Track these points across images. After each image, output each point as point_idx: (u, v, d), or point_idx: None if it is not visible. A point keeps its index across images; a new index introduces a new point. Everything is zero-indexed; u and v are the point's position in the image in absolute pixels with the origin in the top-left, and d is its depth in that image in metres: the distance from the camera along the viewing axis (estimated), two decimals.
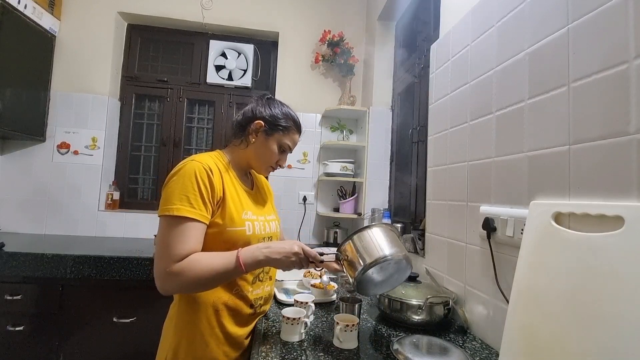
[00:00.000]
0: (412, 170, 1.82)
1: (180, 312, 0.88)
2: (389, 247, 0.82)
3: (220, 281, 0.83)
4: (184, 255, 0.77)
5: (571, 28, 0.70)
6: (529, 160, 0.80)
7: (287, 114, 0.99)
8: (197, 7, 2.42)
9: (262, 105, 0.98)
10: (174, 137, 2.50)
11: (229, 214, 0.87)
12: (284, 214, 2.43)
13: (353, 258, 0.83)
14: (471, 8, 1.08)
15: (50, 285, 1.62)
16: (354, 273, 0.82)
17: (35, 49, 2.10)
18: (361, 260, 0.81)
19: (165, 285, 0.78)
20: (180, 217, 0.78)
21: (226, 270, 0.79)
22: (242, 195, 0.95)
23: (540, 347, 0.61)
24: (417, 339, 0.86)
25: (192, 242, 0.79)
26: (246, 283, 0.92)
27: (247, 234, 0.89)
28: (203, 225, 0.82)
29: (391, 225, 0.90)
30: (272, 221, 1.04)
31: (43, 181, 2.20)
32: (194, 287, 0.81)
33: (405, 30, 2.13)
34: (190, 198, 0.80)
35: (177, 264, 0.76)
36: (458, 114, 1.12)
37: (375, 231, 0.85)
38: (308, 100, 2.51)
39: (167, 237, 0.78)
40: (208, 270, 0.77)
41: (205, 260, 0.78)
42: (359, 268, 0.80)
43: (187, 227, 0.79)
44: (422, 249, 1.32)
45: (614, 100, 0.60)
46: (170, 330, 0.89)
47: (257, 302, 0.96)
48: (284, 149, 1.00)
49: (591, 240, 0.58)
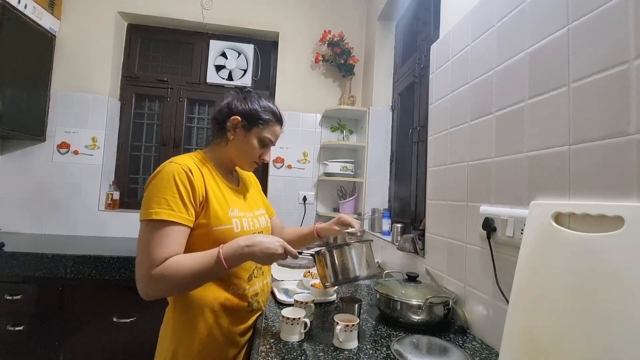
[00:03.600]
0: (412, 170, 1.82)
1: (177, 315, 0.87)
2: (362, 268, 0.89)
3: (203, 281, 0.81)
4: (165, 259, 0.75)
5: (571, 28, 0.70)
6: (529, 160, 0.80)
7: (266, 107, 0.96)
8: (197, 7, 2.42)
9: (238, 100, 0.95)
10: (174, 137, 2.50)
11: (214, 213, 0.85)
12: (284, 214, 2.42)
13: (327, 268, 0.88)
14: (471, 8, 1.08)
15: (50, 285, 1.62)
16: (325, 280, 0.89)
17: (35, 49, 2.10)
18: (333, 275, 0.88)
19: (148, 290, 0.76)
20: (159, 221, 0.77)
21: (208, 270, 0.77)
22: (227, 193, 0.93)
23: (540, 347, 0.61)
24: (417, 339, 0.86)
25: (172, 245, 0.77)
26: (242, 281, 0.91)
27: (235, 231, 0.88)
28: (184, 228, 0.80)
29: (367, 244, 0.95)
30: (261, 216, 1.02)
31: (43, 181, 2.20)
32: (177, 289, 0.79)
33: (405, 30, 2.13)
34: (169, 201, 0.78)
35: (158, 268, 0.74)
36: (458, 114, 1.12)
37: (354, 251, 0.90)
38: (308, 100, 2.51)
39: (147, 241, 0.76)
40: (190, 271, 0.76)
41: (186, 262, 0.76)
42: (331, 281, 0.88)
43: (166, 230, 0.77)
44: (422, 249, 1.32)
45: (614, 100, 0.60)
46: (167, 335, 0.87)
47: (254, 299, 0.95)
48: (265, 143, 0.96)
49: (591, 240, 0.58)
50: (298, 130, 2.49)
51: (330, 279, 0.87)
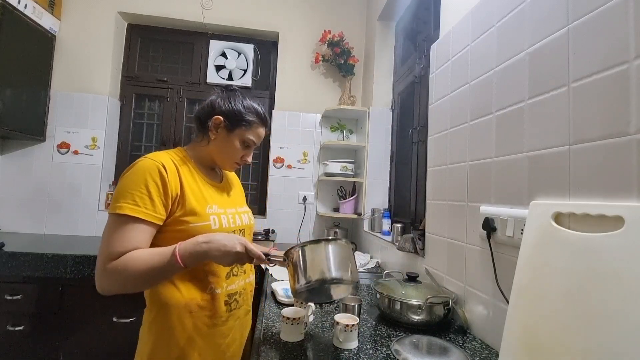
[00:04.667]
0: (412, 170, 1.82)
1: (153, 317, 0.84)
2: (336, 268, 0.75)
3: (159, 278, 0.78)
4: (121, 254, 0.74)
5: (571, 28, 0.70)
6: (529, 160, 0.80)
7: (250, 108, 0.93)
8: (197, 7, 2.42)
9: (222, 99, 0.92)
10: (174, 137, 2.50)
11: (190, 209, 0.83)
12: (284, 214, 2.43)
13: (297, 268, 0.76)
14: (471, 8, 1.08)
15: (50, 285, 1.62)
16: (294, 284, 0.76)
17: (35, 49, 2.11)
18: (304, 276, 0.74)
19: (102, 284, 0.75)
20: (123, 216, 0.75)
21: (163, 267, 0.74)
22: (206, 189, 0.90)
23: (540, 347, 0.61)
24: (417, 339, 0.86)
25: (132, 241, 0.75)
26: (219, 279, 0.88)
27: (212, 228, 0.85)
28: (148, 224, 0.78)
29: (347, 243, 0.82)
30: (244, 213, 0.99)
31: (43, 181, 2.20)
32: (131, 285, 0.75)
33: (405, 30, 2.13)
34: (135, 196, 0.76)
35: (113, 262, 0.73)
36: (458, 114, 1.12)
37: (330, 248, 0.77)
38: (308, 100, 2.51)
39: (108, 235, 0.75)
40: (143, 267, 0.73)
41: (141, 258, 0.74)
42: (302, 283, 0.74)
43: (128, 226, 0.75)
44: (422, 249, 1.32)
45: (614, 101, 0.60)
46: (144, 337, 0.85)
47: (233, 298, 0.91)
48: (247, 145, 0.94)
49: (591, 240, 0.58)
50: (298, 130, 2.49)
51: (301, 280, 0.74)
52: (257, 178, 2.60)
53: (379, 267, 1.79)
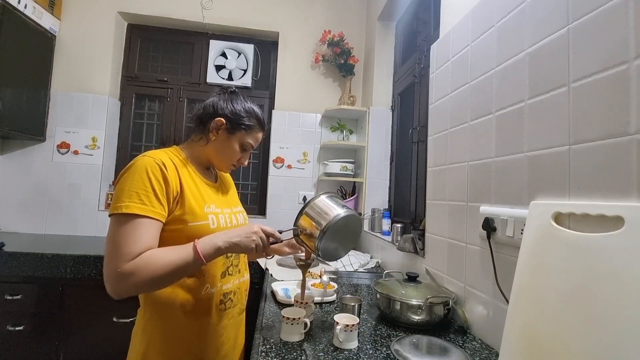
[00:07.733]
0: (412, 170, 1.82)
1: (147, 317, 0.84)
2: (339, 208, 0.89)
3: (178, 276, 0.78)
4: (137, 254, 0.72)
5: (571, 28, 0.70)
6: (529, 160, 0.80)
7: (251, 112, 0.94)
8: (197, 7, 2.42)
9: (224, 101, 0.93)
10: (174, 137, 2.50)
11: (189, 208, 0.82)
12: (284, 214, 2.43)
13: (310, 227, 0.88)
14: (471, 8, 1.08)
15: (50, 285, 1.62)
16: (313, 243, 0.87)
17: (35, 49, 2.11)
18: (318, 226, 0.86)
19: (118, 288, 0.72)
20: (129, 215, 0.73)
21: (184, 263, 0.74)
22: (204, 189, 0.91)
23: (540, 347, 0.61)
24: (417, 339, 0.86)
25: (144, 240, 0.73)
26: (214, 278, 0.88)
27: (210, 227, 0.85)
28: (156, 223, 0.77)
29: (333, 192, 0.97)
30: (239, 213, 1.00)
31: (43, 181, 2.21)
32: (150, 285, 0.75)
33: (405, 30, 2.13)
34: (140, 194, 0.75)
35: (130, 263, 0.70)
36: (458, 114, 1.12)
37: (322, 199, 0.92)
38: (308, 100, 2.51)
39: (117, 236, 0.73)
40: (164, 265, 0.72)
41: (160, 256, 0.73)
42: (318, 233, 0.85)
43: (138, 224, 0.73)
44: (422, 249, 1.32)
45: (614, 100, 0.60)
46: (138, 337, 0.84)
47: (227, 297, 0.91)
48: (245, 148, 0.95)
49: (591, 241, 0.58)
50: (298, 130, 2.49)
51: (318, 234, 0.85)
52: (257, 178, 2.60)
53: (379, 267, 1.79)
